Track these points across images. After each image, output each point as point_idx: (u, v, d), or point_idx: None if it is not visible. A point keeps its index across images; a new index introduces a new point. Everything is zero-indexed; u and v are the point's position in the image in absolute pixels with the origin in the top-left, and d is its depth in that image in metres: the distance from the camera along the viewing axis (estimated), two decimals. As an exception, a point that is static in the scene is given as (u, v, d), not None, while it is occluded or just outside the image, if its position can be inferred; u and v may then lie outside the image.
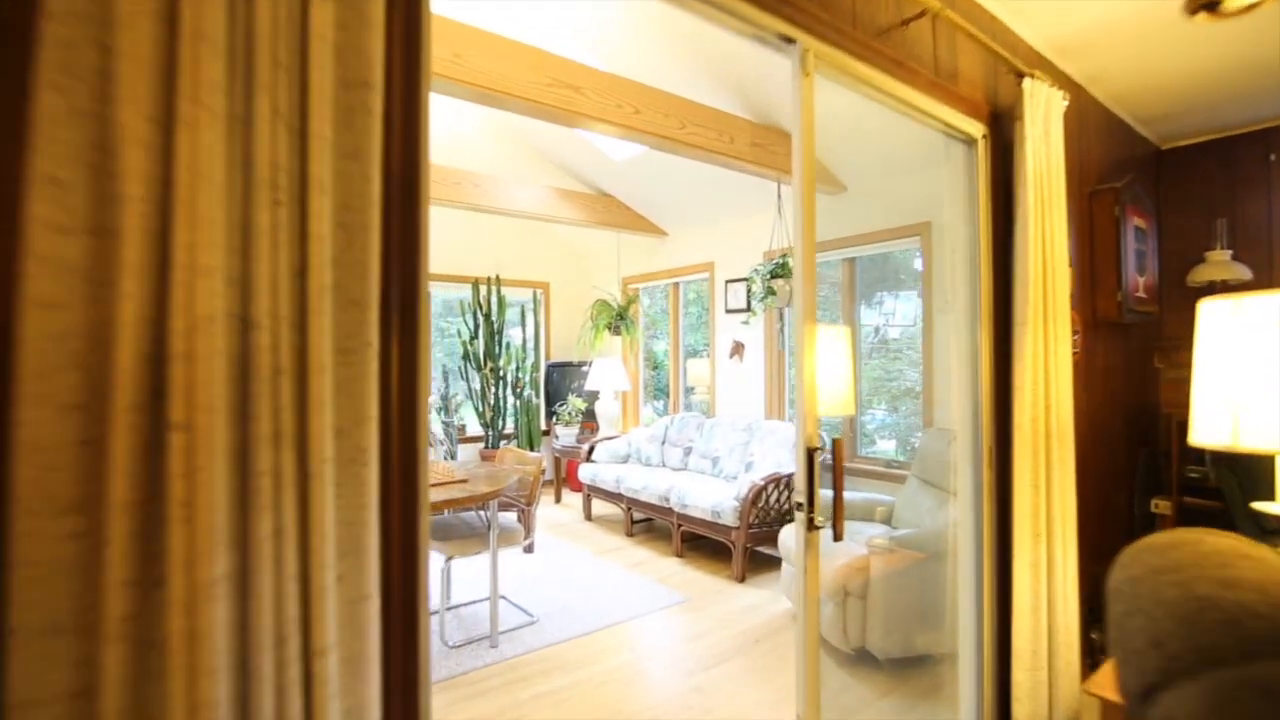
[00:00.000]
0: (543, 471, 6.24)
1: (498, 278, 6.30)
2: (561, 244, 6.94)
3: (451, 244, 6.20)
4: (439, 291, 6.33)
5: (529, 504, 3.21)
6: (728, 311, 5.29)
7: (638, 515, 4.69)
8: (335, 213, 0.81)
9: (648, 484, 4.46)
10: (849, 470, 4.29)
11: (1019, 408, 2.00)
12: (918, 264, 4.07)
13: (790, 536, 3.29)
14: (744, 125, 3.69)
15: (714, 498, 3.90)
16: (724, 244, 5.34)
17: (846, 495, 3.51)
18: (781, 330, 4.58)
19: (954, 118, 1.97)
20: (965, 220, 2.17)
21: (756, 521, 3.78)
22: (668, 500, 4.25)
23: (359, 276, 0.83)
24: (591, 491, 5.19)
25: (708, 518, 3.89)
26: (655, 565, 4.11)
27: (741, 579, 3.75)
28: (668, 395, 6.60)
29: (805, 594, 1.47)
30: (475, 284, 6.15)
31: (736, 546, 3.76)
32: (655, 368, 6.64)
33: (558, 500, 5.93)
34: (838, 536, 1.45)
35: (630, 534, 4.77)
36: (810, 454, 1.45)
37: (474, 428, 6.33)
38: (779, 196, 4.21)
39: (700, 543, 4.41)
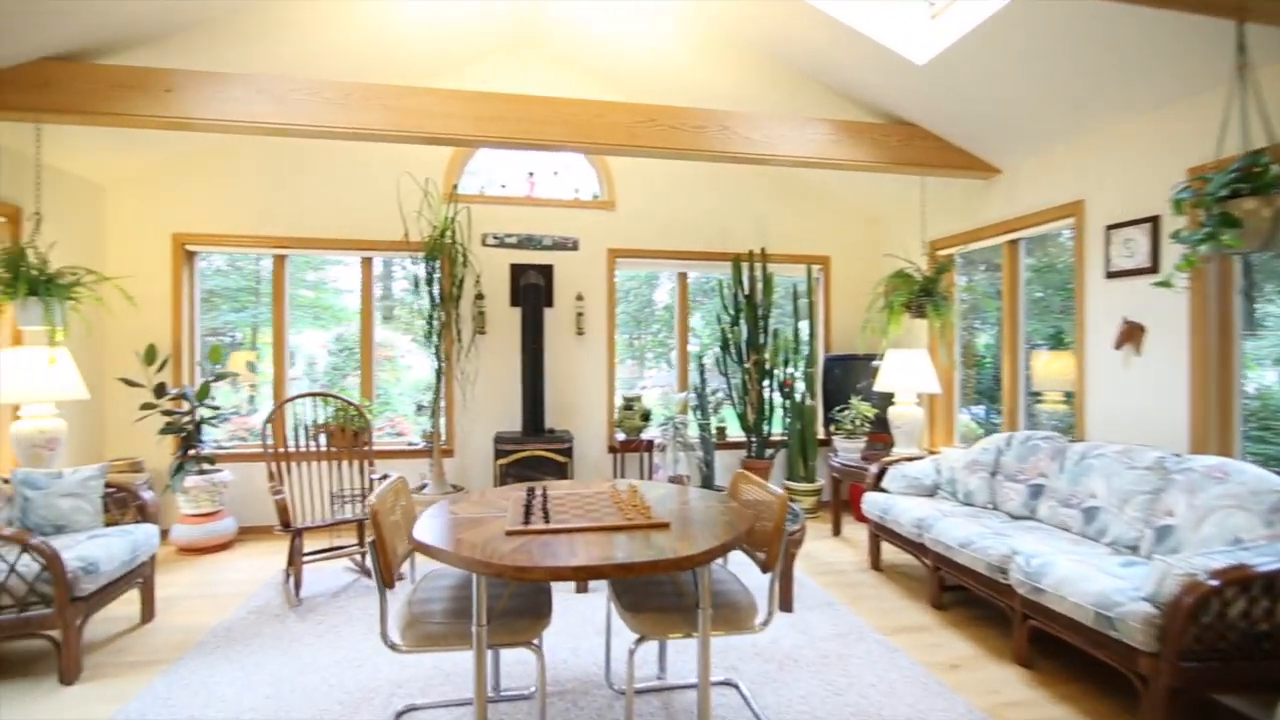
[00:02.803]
0: (818, 493, 5.01)
1: (763, 252, 5.22)
2: (844, 205, 5.54)
3: (706, 213, 5.30)
4: (694, 271, 5.50)
5: (767, 567, 2.08)
6: (1109, 275, 3.37)
7: (951, 578, 3.16)
8: None
9: (971, 539, 2.93)
10: None
11: None
12: None
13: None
14: (1180, -93, 1.99)
15: (1101, 587, 2.25)
16: (1103, 169, 3.42)
17: None
18: (1248, 292, 2.59)
19: None
20: None
21: (1199, 649, 2.04)
22: (1005, 573, 2.69)
23: None
24: (880, 532, 3.78)
25: (1086, 620, 2.26)
26: (985, 676, 2.60)
27: (1162, 748, 2.06)
28: (992, 400, 4.77)
29: None
30: (736, 260, 5.17)
31: (1151, 686, 2.07)
32: (975, 365, 4.85)
33: (835, 533, 4.61)
34: None
35: (939, 605, 3.26)
36: None
37: (736, 431, 5.36)
38: (1240, 50, 2.30)
39: (1061, 647, 2.73)
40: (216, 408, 4.28)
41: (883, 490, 3.90)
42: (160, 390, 4.11)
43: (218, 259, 5.02)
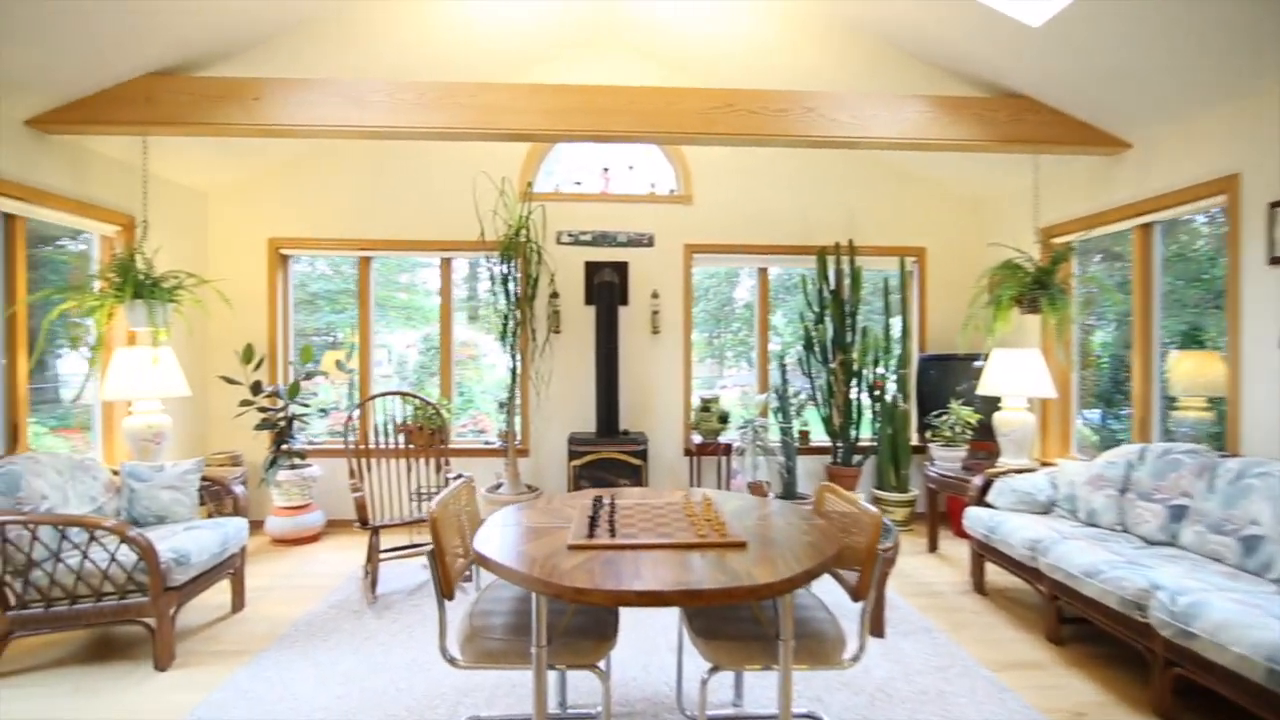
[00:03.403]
0: (911, 504, 4.63)
1: (851, 244, 4.89)
2: (942, 190, 5.10)
3: (789, 204, 5.01)
4: (776, 267, 5.23)
5: (858, 595, 1.85)
6: (1273, 262, 2.87)
7: (1070, 608, 2.78)
8: None
9: (1099, 567, 2.56)
10: None
11: None
12: None
13: None
14: None
15: (1274, 636, 1.86)
16: (1265, 135, 2.91)
17: None
18: None
19: None
20: None
21: None
22: (1143, 609, 2.31)
23: None
24: (984, 551, 3.41)
25: (1254, 675, 1.88)
26: (1113, 725, 2.24)
27: (1363, 843, 1.67)
28: (1109, 405, 4.26)
29: None
30: (821, 253, 4.87)
31: (1345, 763, 1.68)
32: (1092, 366, 4.33)
33: (932, 549, 4.23)
34: None
35: (1056, 640, 2.88)
36: None
37: (820, 436, 5.05)
38: None
39: (1213, 699, 2.31)
40: (307, 405, 4.44)
41: (988, 505, 3.52)
42: (256, 388, 4.30)
43: (321, 264, 5.24)
